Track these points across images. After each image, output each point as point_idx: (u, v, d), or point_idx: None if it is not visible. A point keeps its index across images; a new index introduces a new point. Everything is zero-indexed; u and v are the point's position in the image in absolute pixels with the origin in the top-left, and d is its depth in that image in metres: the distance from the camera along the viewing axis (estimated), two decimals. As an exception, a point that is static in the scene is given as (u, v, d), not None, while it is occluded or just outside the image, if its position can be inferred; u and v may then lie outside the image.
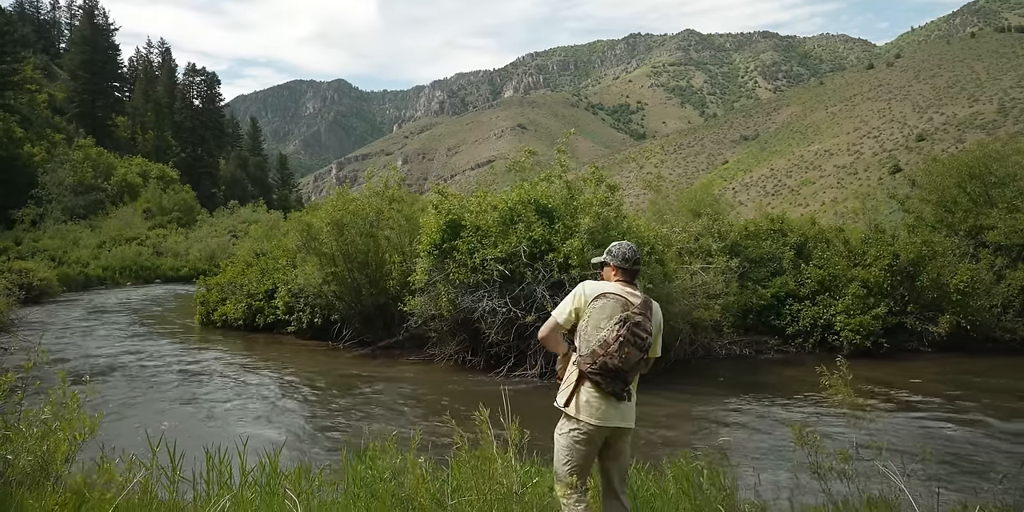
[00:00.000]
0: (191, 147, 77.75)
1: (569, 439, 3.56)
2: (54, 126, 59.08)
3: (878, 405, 10.30)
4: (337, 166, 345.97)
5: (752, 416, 9.90)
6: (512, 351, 12.34)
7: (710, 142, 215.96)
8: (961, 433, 8.94)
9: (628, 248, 3.76)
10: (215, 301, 18.65)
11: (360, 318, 15.49)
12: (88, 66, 68.55)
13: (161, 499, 4.00)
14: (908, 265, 14.74)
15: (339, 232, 15.22)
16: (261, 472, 4.60)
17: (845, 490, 4.40)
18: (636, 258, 3.73)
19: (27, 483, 3.94)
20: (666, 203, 23.12)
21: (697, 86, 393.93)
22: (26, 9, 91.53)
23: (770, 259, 16.69)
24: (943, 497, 4.59)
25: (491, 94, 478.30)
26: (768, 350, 15.10)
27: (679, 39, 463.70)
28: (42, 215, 44.32)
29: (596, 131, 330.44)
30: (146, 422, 8.24)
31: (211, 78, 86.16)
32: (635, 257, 3.73)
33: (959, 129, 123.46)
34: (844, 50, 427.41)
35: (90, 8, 75.84)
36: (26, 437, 4.12)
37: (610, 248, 3.81)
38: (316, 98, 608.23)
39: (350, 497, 4.25)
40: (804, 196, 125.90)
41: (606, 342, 3.40)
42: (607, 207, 12.50)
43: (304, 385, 11.83)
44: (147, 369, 12.68)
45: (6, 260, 25.20)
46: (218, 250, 38.56)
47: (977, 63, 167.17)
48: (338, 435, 8.58)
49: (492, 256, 12.10)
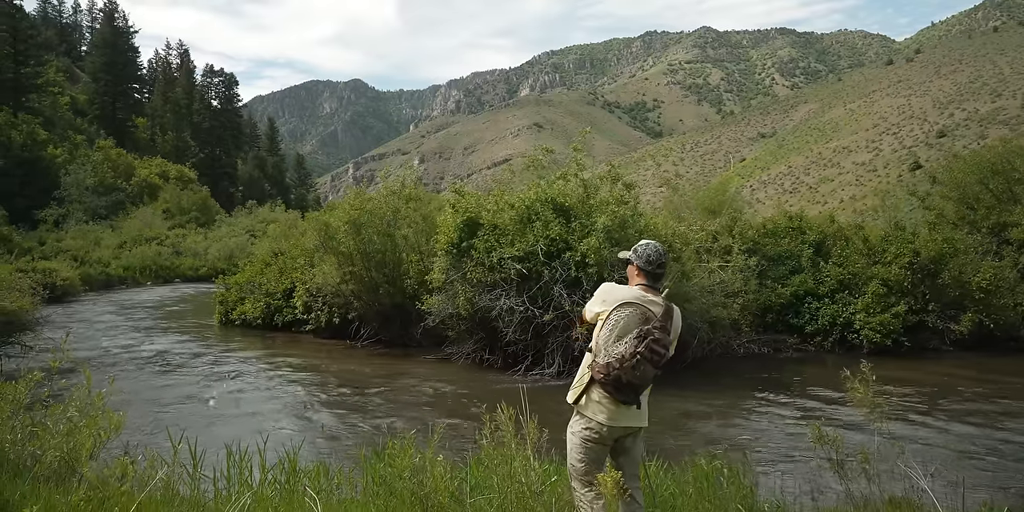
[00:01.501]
0: (209, 147, 78.47)
1: (580, 437, 3.55)
2: (76, 128, 59.91)
3: (899, 405, 10.19)
4: (354, 166, 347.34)
5: (771, 415, 9.84)
6: (529, 350, 12.33)
7: (727, 140, 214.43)
8: (985, 433, 8.82)
9: (654, 250, 3.61)
10: (234, 300, 18.80)
11: (378, 317, 15.55)
12: (109, 68, 69.47)
13: (183, 496, 4.05)
14: (929, 263, 14.55)
15: (356, 231, 15.28)
16: (281, 470, 4.64)
17: (867, 490, 4.37)
18: (660, 261, 3.60)
19: (54, 479, 4.01)
20: (683, 201, 23.04)
21: (714, 83, 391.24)
22: (49, 13, 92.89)
23: (788, 257, 16.55)
24: (967, 497, 4.54)
25: (507, 93, 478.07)
26: (787, 349, 14.98)
27: (695, 36, 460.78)
28: (64, 216, 44.96)
29: (613, 129, 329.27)
30: (167, 420, 8.33)
31: (229, 79, 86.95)
32: (659, 260, 3.59)
33: (981, 125, 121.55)
34: (863, 46, 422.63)
35: (110, 11, 76.85)
36: (53, 434, 4.18)
37: (636, 246, 3.69)
38: (333, 98, 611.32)
39: (369, 495, 4.28)
40: (823, 194, 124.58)
41: (623, 357, 3.34)
42: (623, 205, 12.45)
43: (322, 383, 11.90)
44: (167, 368, 12.82)
45: (30, 260, 25.56)
46: (236, 250, 38.86)
47: (1000, 57, 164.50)
48: (357, 433, 8.63)
49: (509, 255, 12.10)
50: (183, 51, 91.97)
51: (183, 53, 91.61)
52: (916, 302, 14.55)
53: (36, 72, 54.79)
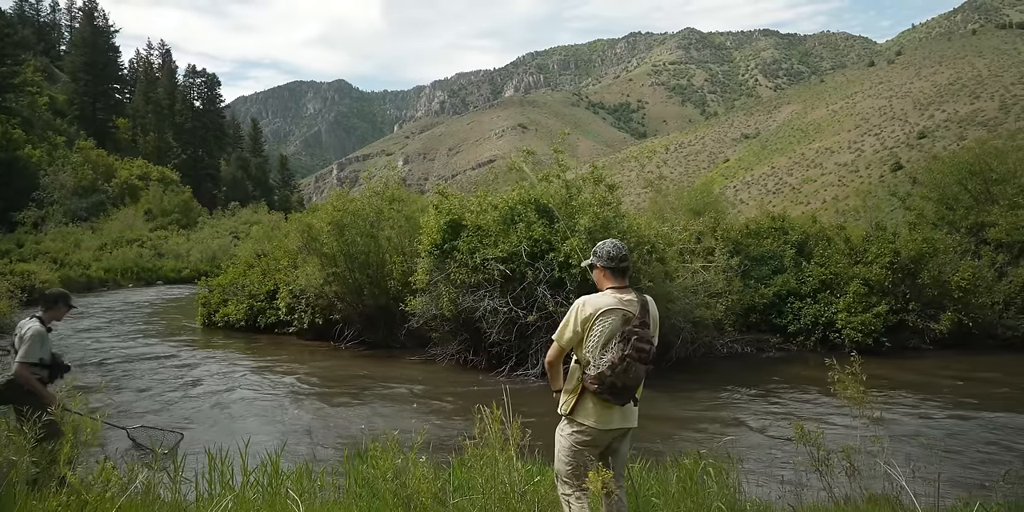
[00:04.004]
0: (192, 148, 77.76)
1: (571, 441, 3.56)
2: (55, 128, 59.15)
3: (881, 403, 10.29)
4: (338, 166, 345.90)
5: (754, 414, 9.90)
6: (513, 350, 12.33)
7: (711, 140, 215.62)
8: (964, 430, 8.94)
9: (612, 246, 3.64)
10: (217, 302, 18.66)
11: (361, 318, 15.50)
12: (88, 68, 68.65)
13: (164, 500, 4.02)
14: (909, 263, 14.72)
15: (339, 233, 15.23)
16: (263, 472, 4.61)
17: (848, 488, 4.41)
18: (622, 255, 3.61)
19: (31, 485, 3.96)
20: (667, 202, 23.16)
21: (698, 84, 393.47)
22: (26, 12, 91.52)
23: (771, 257, 16.67)
24: (945, 493, 4.60)
25: (492, 94, 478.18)
26: (770, 348, 15.08)
27: (679, 38, 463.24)
28: (44, 217, 44.37)
29: (597, 130, 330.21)
30: (147, 423, 8.24)
31: (211, 79, 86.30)
32: (620, 254, 3.61)
33: (960, 126, 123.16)
34: (845, 48, 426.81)
35: (90, 10, 75.97)
36: (29, 439, 4.13)
37: (595, 248, 3.70)
38: (317, 99, 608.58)
39: (352, 497, 4.26)
40: (805, 194, 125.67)
41: (613, 363, 3.36)
42: (606, 207, 12.49)
43: (306, 385, 11.84)
44: (148, 370, 12.69)
45: (8, 263, 25.25)
46: (219, 251, 38.61)
47: (978, 60, 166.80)
48: (340, 435, 8.59)
49: (493, 256, 12.10)
50: (165, 51, 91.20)
51: (165, 53, 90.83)
52: (897, 302, 14.71)
53: (13, 71, 54.04)
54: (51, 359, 5.44)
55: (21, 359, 5.21)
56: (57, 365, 5.51)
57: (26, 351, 5.23)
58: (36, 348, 5.28)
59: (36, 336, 5.32)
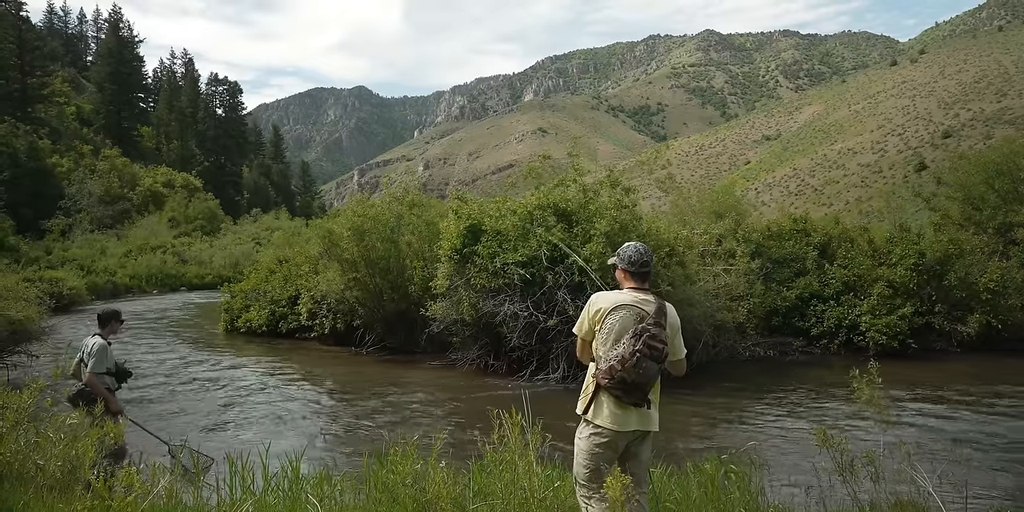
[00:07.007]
0: (214, 156, 78.86)
1: (589, 443, 3.54)
2: (82, 137, 60.27)
3: (907, 407, 10.13)
4: (359, 172, 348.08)
5: (777, 418, 9.79)
6: (534, 355, 12.31)
7: (732, 143, 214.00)
8: (992, 435, 8.76)
9: (635, 250, 3.65)
10: (239, 308, 18.84)
11: (382, 323, 15.56)
12: (114, 78, 69.89)
13: (186, 504, 4.06)
14: (935, 264, 14.48)
15: (360, 238, 15.31)
16: (283, 477, 4.64)
17: (873, 493, 4.33)
18: (643, 260, 3.63)
19: (57, 488, 4.02)
20: (687, 205, 22.99)
21: (718, 87, 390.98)
22: (55, 24, 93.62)
23: (793, 260, 16.50)
24: (974, 500, 4.51)
25: (511, 98, 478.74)
26: (793, 352, 14.92)
27: (699, 40, 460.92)
28: (71, 225, 45.22)
29: (617, 134, 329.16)
30: (170, 428, 8.34)
31: (233, 87, 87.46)
32: (642, 259, 3.63)
33: (987, 125, 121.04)
34: (866, 47, 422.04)
35: (115, 21, 77.38)
36: (55, 443, 4.20)
37: (619, 250, 3.74)
38: (337, 105, 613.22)
39: (372, 502, 4.27)
40: (828, 195, 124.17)
41: (623, 358, 3.36)
42: (623, 210, 12.44)
43: (326, 390, 11.91)
44: (171, 376, 12.85)
45: (37, 270, 25.69)
46: (242, 257, 39.04)
47: (1005, 57, 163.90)
48: (360, 440, 8.63)
49: (512, 260, 12.10)
50: (188, 60, 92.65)
51: (188, 62, 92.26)
52: (922, 304, 14.48)
53: (42, 82, 55.18)
54: (116, 367, 6.11)
55: (92, 370, 5.84)
56: (121, 372, 6.19)
57: (95, 363, 5.88)
58: (103, 359, 5.93)
59: (101, 350, 5.96)
